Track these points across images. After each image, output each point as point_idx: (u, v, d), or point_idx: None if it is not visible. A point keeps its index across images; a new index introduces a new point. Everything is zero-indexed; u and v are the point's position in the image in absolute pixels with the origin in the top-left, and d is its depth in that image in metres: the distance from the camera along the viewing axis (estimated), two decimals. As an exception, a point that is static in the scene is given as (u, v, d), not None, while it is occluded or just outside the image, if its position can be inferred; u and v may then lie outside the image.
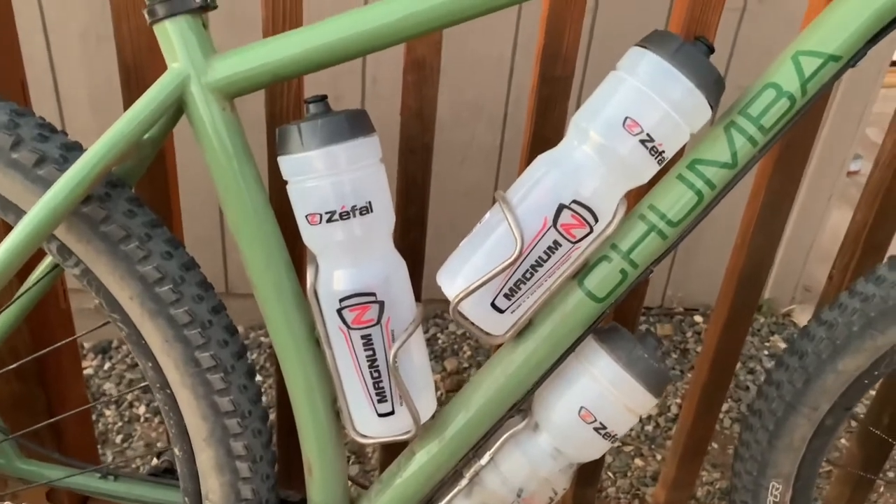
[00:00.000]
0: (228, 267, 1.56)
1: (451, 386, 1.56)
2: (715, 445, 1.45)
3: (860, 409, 1.21)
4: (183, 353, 0.61)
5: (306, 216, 0.58)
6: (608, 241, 0.59)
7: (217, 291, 0.64)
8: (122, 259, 0.59)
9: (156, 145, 0.62)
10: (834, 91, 1.52)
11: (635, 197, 0.62)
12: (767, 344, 1.78)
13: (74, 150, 0.59)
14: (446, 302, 0.59)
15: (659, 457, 1.45)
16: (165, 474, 0.75)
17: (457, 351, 1.66)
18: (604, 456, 1.05)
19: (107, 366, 1.57)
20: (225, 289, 1.56)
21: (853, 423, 1.22)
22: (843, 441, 1.44)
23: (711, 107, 0.56)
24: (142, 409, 1.47)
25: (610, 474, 1.38)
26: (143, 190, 0.77)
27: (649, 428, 1.51)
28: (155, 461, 0.78)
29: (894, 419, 0.95)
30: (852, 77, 0.71)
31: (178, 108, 0.58)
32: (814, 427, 0.72)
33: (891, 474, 1.39)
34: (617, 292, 0.60)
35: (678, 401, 1.57)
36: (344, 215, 0.57)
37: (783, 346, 1.75)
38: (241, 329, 1.63)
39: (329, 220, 0.57)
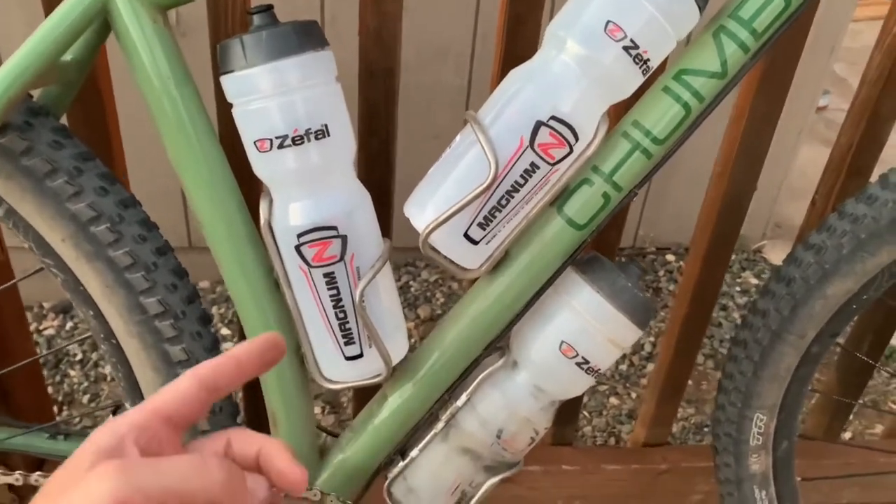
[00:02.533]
0: (190, 220, 1.49)
1: (425, 333, 1.54)
2: (688, 381, 1.45)
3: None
4: (126, 299, 0.55)
5: (255, 142, 0.52)
6: (589, 162, 0.55)
7: (180, 246, 0.59)
8: (50, 196, 0.53)
9: (82, 68, 0.55)
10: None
11: (617, 114, 0.57)
12: (739, 280, 1.79)
13: (-16, 73, 0.51)
14: (417, 250, 0.54)
15: (634, 395, 1.44)
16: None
17: (430, 298, 1.63)
18: (581, 395, 1.04)
19: (69, 325, 1.51)
20: (188, 243, 1.50)
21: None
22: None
23: (700, 9, 0.51)
24: (107, 369, 1.43)
25: (586, 413, 1.38)
26: (76, 122, 0.70)
27: (623, 367, 1.50)
28: (111, 418, 0.72)
29: (875, 343, 0.94)
30: (822, 10, 0.68)
31: (103, 22, 0.52)
32: (800, 355, 0.70)
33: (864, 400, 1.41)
34: (599, 218, 0.56)
35: (652, 339, 1.56)
36: (297, 140, 0.51)
37: (754, 282, 1.75)
38: (206, 284, 1.58)
39: (280, 146, 0.51)
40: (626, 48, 0.50)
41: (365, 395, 0.85)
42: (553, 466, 0.99)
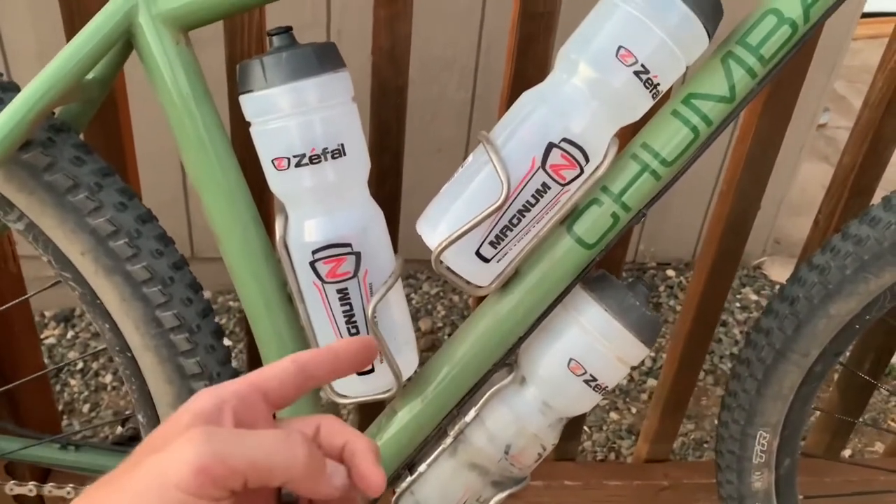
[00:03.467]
0: (193, 230, 1.50)
1: (426, 346, 1.54)
2: (690, 397, 1.46)
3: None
4: (143, 312, 0.56)
5: (272, 161, 0.53)
6: (599, 183, 0.56)
7: (182, 256, 0.60)
8: (71, 211, 0.54)
9: (104, 86, 0.56)
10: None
11: (626, 136, 0.58)
12: (739, 296, 1.80)
13: (11, 90, 0.53)
14: (420, 262, 0.55)
15: (634, 410, 1.45)
16: (130, 442, 0.71)
17: (431, 311, 1.64)
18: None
19: (70, 334, 1.52)
20: (191, 252, 1.51)
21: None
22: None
23: (709, 35, 0.52)
24: (108, 378, 1.43)
25: (586, 428, 1.38)
26: (94, 137, 0.71)
27: (623, 382, 1.51)
28: (119, 429, 0.73)
29: (876, 362, 0.95)
30: (824, 28, 0.69)
31: (126, 42, 0.53)
32: (803, 374, 0.71)
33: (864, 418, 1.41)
34: (608, 238, 0.57)
35: (652, 354, 1.57)
36: (314, 159, 0.52)
37: (754, 298, 1.76)
38: (208, 294, 1.58)
39: (298, 165, 0.52)
40: (636, 73, 0.51)
41: (368, 407, 0.86)
42: (555, 482, 0.99)
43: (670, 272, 1.82)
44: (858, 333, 0.69)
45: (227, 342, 1.49)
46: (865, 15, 1.63)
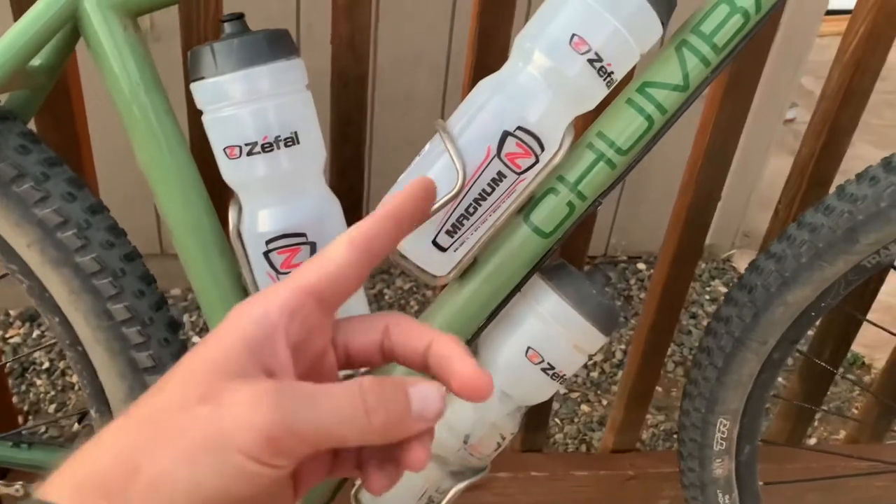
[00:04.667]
0: (162, 227, 1.47)
1: (398, 340, 1.53)
2: (658, 389, 1.47)
3: (802, 342, 1.25)
4: (93, 305, 0.55)
5: (224, 149, 0.52)
6: (555, 172, 0.56)
7: (152, 253, 0.59)
8: (16, 201, 0.52)
9: (51, 73, 0.55)
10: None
11: (582, 125, 0.58)
12: (708, 289, 1.82)
13: (-50, 77, 0.51)
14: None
15: (605, 402, 1.46)
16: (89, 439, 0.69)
17: (403, 306, 1.63)
18: (551, 401, 1.05)
19: (35, 333, 1.48)
20: (160, 249, 1.48)
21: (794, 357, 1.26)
22: (779, 379, 1.48)
23: (663, 24, 0.53)
24: (75, 378, 1.40)
25: (557, 421, 1.39)
26: (45, 127, 0.69)
27: (595, 374, 1.52)
28: (76, 426, 0.72)
29: (835, 351, 0.96)
30: (790, 24, 0.70)
31: (73, 28, 0.52)
32: (761, 361, 0.72)
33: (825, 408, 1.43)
34: (564, 226, 0.57)
35: (623, 346, 1.58)
36: (266, 147, 0.51)
37: (724, 290, 1.78)
38: (178, 291, 1.57)
39: (250, 153, 0.51)
40: (590, 61, 0.51)
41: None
42: (522, 473, 0.99)
43: (641, 265, 1.83)
44: (815, 321, 0.70)
45: (196, 339, 1.48)
46: (831, 12, 1.66)
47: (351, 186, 0.78)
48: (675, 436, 1.38)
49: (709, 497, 0.80)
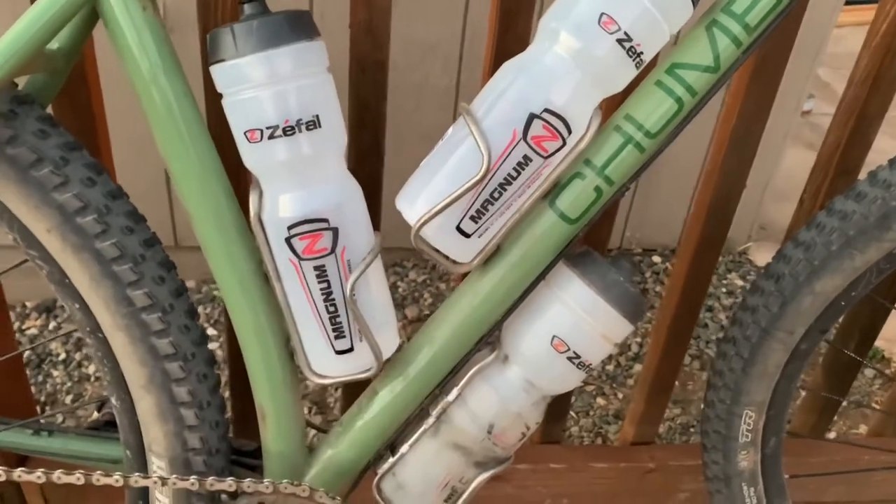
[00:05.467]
0: (176, 218, 1.47)
1: (412, 333, 1.52)
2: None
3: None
4: (113, 291, 0.54)
5: (245, 133, 0.51)
6: (581, 155, 0.54)
7: (166, 245, 0.58)
8: (35, 186, 0.52)
9: (69, 57, 0.54)
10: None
11: (610, 108, 0.57)
12: (725, 282, 1.80)
13: (-32, 60, 0.50)
14: (406, 250, 0.54)
15: (621, 395, 1.45)
16: (107, 427, 0.69)
17: (417, 298, 1.63)
18: (570, 392, 1.04)
19: (52, 325, 1.49)
20: (174, 242, 1.48)
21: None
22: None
23: (693, 3, 0.51)
24: (91, 369, 1.41)
25: (573, 414, 1.38)
26: (63, 112, 0.69)
27: (610, 367, 1.51)
28: (96, 414, 0.71)
29: (862, 341, 0.95)
30: (807, 14, 0.69)
31: (91, 9, 0.51)
32: (788, 352, 0.71)
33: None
34: (591, 212, 0.56)
35: (638, 339, 1.57)
36: (288, 130, 0.50)
37: (740, 283, 1.76)
38: (192, 283, 1.57)
39: (271, 137, 0.51)
40: (619, 41, 0.50)
41: (354, 393, 0.85)
42: (541, 465, 0.98)
43: (656, 258, 1.82)
44: (844, 311, 0.69)
45: (211, 331, 1.48)
46: (849, 2, 1.63)
47: (370, 173, 0.77)
48: (691, 429, 1.37)
49: (733, 490, 0.79)
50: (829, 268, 0.65)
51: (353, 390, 0.89)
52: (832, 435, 1.36)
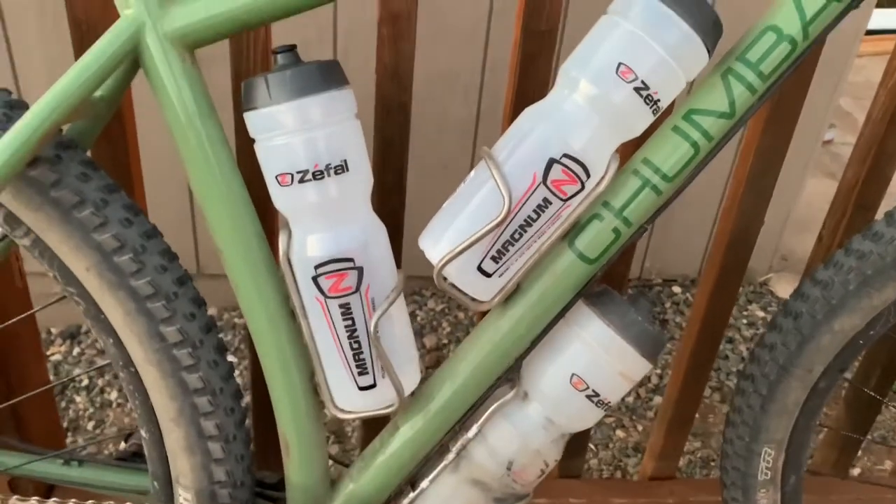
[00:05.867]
0: (199, 247, 1.51)
1: (431, 362, 1.54)
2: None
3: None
4: (146, 327, 0.56)
5: (276, 177, 0.53)
6: (600, 198, 0.56)
7: (188, 272, 0.60)
8: (76, 227, 0.54)
9: (111, 104, 0.57)
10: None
11: (627, 152, 0.59)
12: (745, 313, 1.78)
13: (19, 108, 0.53)
14: (425, 279, 0.56)
15: (640, 428, 1.44)
16: (134, 458, 0.71)
17: (436, 327, 1.63)
18: (589, 429, 1.04)
19: (76, 351, 1.52)
20: (196, 269, 1.51)
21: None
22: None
23: (708, 52, 0.53)
24: (114, 395, 1.43)
25: (592, 446, 1.37)
26: (101, 154, 0.72)
27: (630, 399, 1.50)
28: (123, 445, 0.73)
29: (883, 379, 0.94)
30: (828, 44, 0.70)
31: (133, 61, 0.54)
32: (807, 390, 0.71)
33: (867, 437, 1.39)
34: (609, 252, 0.57)
35: (658, 371, 1.56)
36: (317, 175, 0.53)
37: (761, 314, 1.75)
38: (213, 311, 1.59)
39: (301, 181, 0.53)
40: (636, 89, 0.52)
41: (373, 425, 0.86)
42: (560, 500, 0.98)
43: (676, 289, 1.81)
44: (863, 349, 0.69)
45: (231, 358, 1.50)
46: (870, 32, 1.64)
47: (392, 211, 0.79)
48: (712, 463, 1.36)
49: (754, 528, 0.78)
50: (847, 307, 0.66)
51: (372, 422, 0.90)
52: (856, 472, 1.34)
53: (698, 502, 1.00)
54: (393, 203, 0.78)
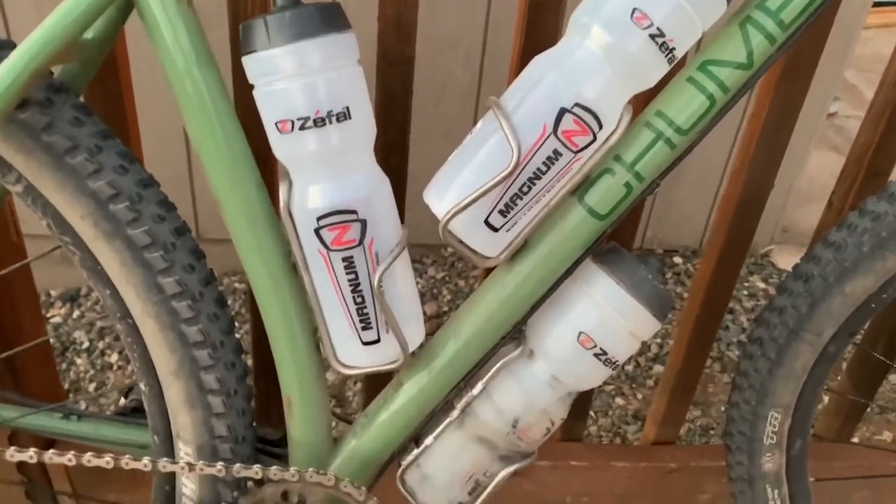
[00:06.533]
0: (199, 210, 1.49)
1: (431, 329, 1.52)
2: (697, 383, 1.45)
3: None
4: (144, 278, 0.55)
5: (276, 123, 0.52)
6: (611, 151, 0.54)
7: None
8: (70, 173, 0.52)
9: (103, 46, 0.55)
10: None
11: (640, 105, 0.57)
12: (746, 284, 1.78)
13: (5, 47, 0.51)
14: (426, 246, 0.54)
15: (640, 396, 1.44)
16: (133, 414, 0.70)
17: (436, 295, 1.63)
18: (592, 390, 1.03)
19: (76, 314, 1.51)
20: (196, 233, 1.50)
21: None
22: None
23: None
24: (114, 357, 1.43)
25: (592, 413, 1.37)
26: (94, 100, 0.70)
27: (629, 367, 1.50)
28: (122, 400, 0.72)
29: (890, 344, 0.93)
30: (834, 16, 0.69)
31: (126, 1, 0.51)
32: (816, 354, 0.70)
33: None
34: (620, 209, 0.55)
35: (658, 340, 1.55)
36: (318, 122, 0.51)
37: (762, 286, 1.75)
38: (214, 275, 1.58)
39: (302, 128, 0.51)
40: (652, 36, 0.50)
41: (374, 387, 0.85)
42: (562, 462, 0.98)
43: (677, 259, 1.80)
44: (874, 313, 0.68)
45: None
46: (877, 4, 1.60)
47: (394, 168, 0.77)
48: (711, 431, 1.36)
49: (757, 491, 0.78)
50: (860, 269, 0.64)
51: (374, 384, 0.89)
52: (855, 440, 1.34)
53: (700, 467, 1.00)
54: (396, 160, 0.77)
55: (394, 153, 0.77)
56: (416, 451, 0.62)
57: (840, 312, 0.67)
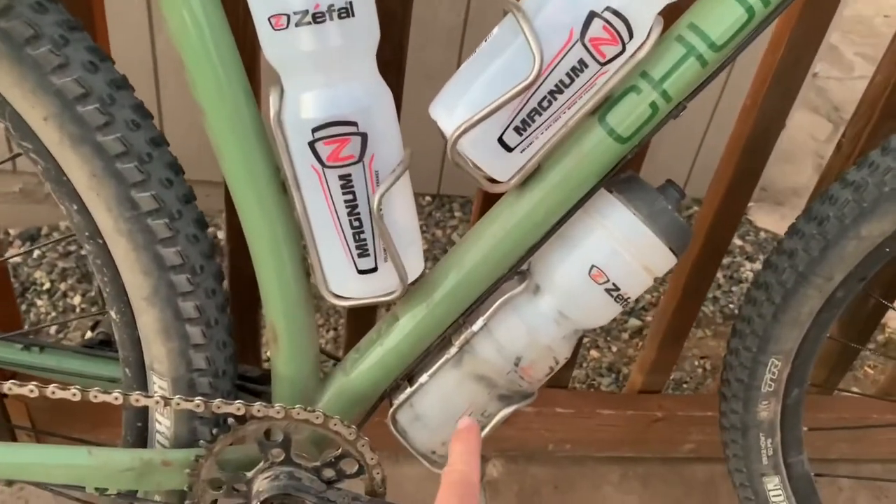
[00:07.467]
0: (166, 131, 1.40)
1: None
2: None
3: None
4: (116, 191, 0.49)
5: (269, 18, 0.45)
6: (638, 67, 0.49)
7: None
8: (31, 66, 0.46)
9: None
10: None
11: (670, 19, 0.52)
12: (724, 241, 1.77)
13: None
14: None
15: (615, 349, 1.43)
16: (101, 346, 0.65)
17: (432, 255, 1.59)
18: (582, 337, 1.00)
19: (36, 253, 1.43)
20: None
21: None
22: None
23: None
24: (77, 300, 1.37)
25: (567, 365, 1.35)
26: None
27: (605, 320, 1.48)
28: (89, 333, 0.67)
29: (889, 287, 0.91)
30: None
31: None
32: (824, 299, 0.67)
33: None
34: (643, 131, 0.51)
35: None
36: (318, 17, 0.45)
37: (739, 243, 1.75)
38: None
39: (298, 24, 0.45)
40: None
41: (361, 320, 0.80)
42: (547, 408, 0.96)
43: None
44: (887, 258, 0.65)
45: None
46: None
47: (391, 88, 0.71)
48: (684, 385, 1.36)
49: (750, 440, 0.76)
50: (878, 210, 0.62)
51: (358, 321, 0.84)
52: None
53: (686, 417, 0.99)
54: (392, 80, 0.70)
55: (389, 73, 0.70)
56: (409, 390, 0.58)
57: (853, 256, 0.64)
